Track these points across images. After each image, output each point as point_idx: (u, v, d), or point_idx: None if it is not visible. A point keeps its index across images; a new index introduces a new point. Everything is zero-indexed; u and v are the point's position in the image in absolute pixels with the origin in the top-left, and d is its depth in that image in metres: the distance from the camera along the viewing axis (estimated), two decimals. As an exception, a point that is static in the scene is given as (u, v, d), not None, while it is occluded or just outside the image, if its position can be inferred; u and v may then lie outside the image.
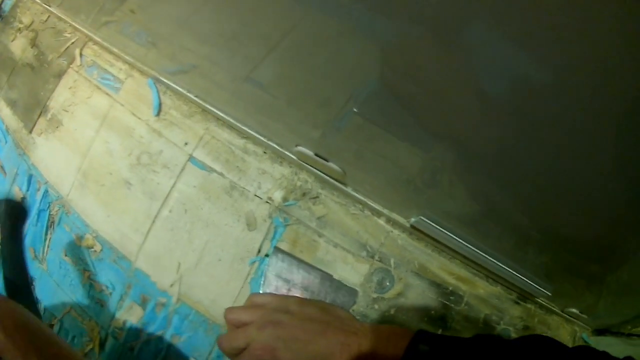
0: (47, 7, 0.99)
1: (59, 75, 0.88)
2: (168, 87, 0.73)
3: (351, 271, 0.65)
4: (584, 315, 0.69)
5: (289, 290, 0.63)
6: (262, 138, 0.66)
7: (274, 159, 0.67)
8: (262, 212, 0.67)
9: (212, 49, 0.71)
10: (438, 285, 0.67)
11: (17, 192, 0.88)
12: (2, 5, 1.20)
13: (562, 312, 0.71)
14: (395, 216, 0.64)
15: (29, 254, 0.86)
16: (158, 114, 0.72)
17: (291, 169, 0.66)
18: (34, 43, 0.99)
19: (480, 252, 0.65)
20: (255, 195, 0.67)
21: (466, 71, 0.45)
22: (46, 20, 1.00)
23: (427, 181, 0.66)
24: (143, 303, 0.72)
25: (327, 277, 0.62)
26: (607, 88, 0.36)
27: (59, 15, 0.97)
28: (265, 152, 0.67)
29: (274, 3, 0.59)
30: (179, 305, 0.69)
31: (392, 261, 0.66)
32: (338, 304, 0.61)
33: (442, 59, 0.46)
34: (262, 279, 0.63)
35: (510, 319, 0.70)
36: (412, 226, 0.65)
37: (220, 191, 0.68)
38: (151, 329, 0.72)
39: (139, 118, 0.74)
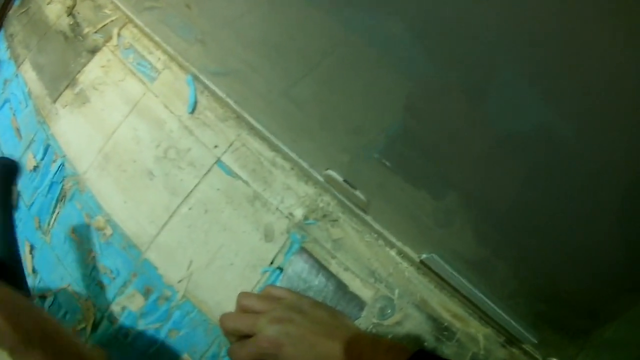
0: None
1: (93, 51, 0.83)
2: (206, 87, 0.69)
3: (357, 295, 0.64)
4: (562, 366, 0.71)
5: (304, 290, 0.62)
6: (291, 154, 0.64)
7: (300, 176, 0.65)
8: (281, 226, 0.64)
9: (256, 55, 0.69)
10: (434, 320, 0.67)
11: (31, 159, 0.83)
12: None
13: (543, 360, 0.72)
14: (406, 249, 0.64)
15: (33, 223, 0.81)
16: (192, 112, 0.70)
17: (316, 189, 0.64)
18: (70, 12, 0.93)
19: (479, 294, 0.66)
20: (277, 209, 0.64)
21: (486, 121, 0.45)
22: (86, -8, 0.95)
23: (440, 221, 0.66)
24: (146, 293, 0.69)
25: (342, 286, 0.61)
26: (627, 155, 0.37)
27: (101, -11, 0.92)
28: (292, 169, 0.64)
29: (320, 22, 0.57)
30: (183, 301, 0.66)
31: (396, 291, 0.65)
32: (346, 313, 0.61)
33: (468, 109, 0.47)
34: (282, 274, 0.61)
35: None
36: (422, 261, 0.64)
37: (243, 198, 0.66)
38: (150, 319, 0.69)
39: (172, 112, 0.70)
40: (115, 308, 0.68)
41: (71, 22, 0.89)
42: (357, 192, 0.59)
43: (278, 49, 0.64)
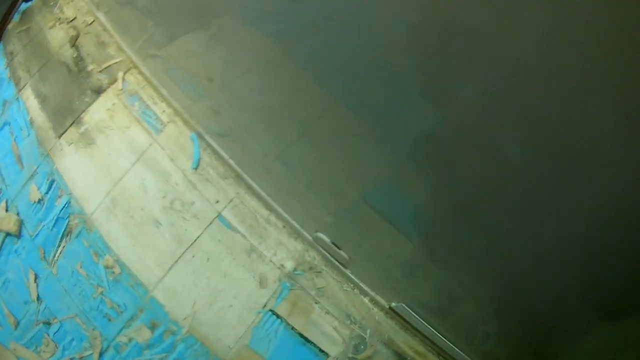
0: (94, 9, 0.94)
1: (98, 91, 0.85)
2: (209, 145, 0.73)
3: (335, 334, 0.74)
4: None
5: None
6: (284, 214, 0.71)
7: (291, 234, 0.72)
8: (273, 275, 0.72)
9: (253, 118, 0.75)
10: (400, 355, 0.78)
11: (35, 191, 0.86)
12: None
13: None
14: (378, 298, 0.74)
15: (37, 253, 0.85)
16: (196, 168, 0.75)
17: (304, 245, 0.71)
18: (74, 43, 0.93)
19: (437, 334, 0.77)
20: (271, 261, 0.72)
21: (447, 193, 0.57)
22: (90, 24, 0.94)
23: (406, 274, 0.77)
24: (152, 327, 0.76)
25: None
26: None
27: (105, 25, 0.92)
28: (284, 227, 0.71)
29: (310, 91, 0.65)
30: (188, 335, 0.74)
31: (368, 331, 0.76)
32: None
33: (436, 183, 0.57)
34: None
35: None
36: (390, 308, 0.75)
37: (241, 250, 0.73)
38: (155, 350, 0.76)
39: (177, 166, 0.75)
40: (122, 339, 0.75)
41: (75, 55, 0.90)
42: (342, 252, 0.69)
43: (272, 113, 0.71)
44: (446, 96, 0.54)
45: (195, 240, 0.71)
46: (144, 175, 0.74)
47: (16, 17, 1.08)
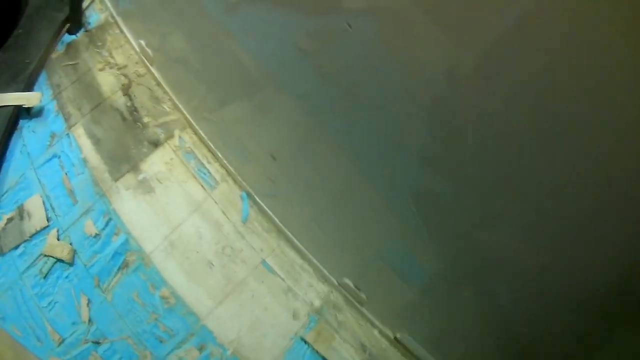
0: (145, 61, 1.04)
1: (155, 144, 0.96)
2: (256, 202, 0.89)
3: (350, 358, 0.94)
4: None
5: None
6: (316, 262, 0.89)
7: (319, 278, 0.89)
8: (304, 310, 0.90)
9: (291, 184, 0.91)
10: None
11: (90, 226, 0.95)
12: (87, 15, 1.16)
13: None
14: (386, 330, 0.94)
15: (92, 281, 0.95)
16: (245, 221, 0.90)
17: (329, 287, 0.90)
18: (126, 92, 1.02)
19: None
20: (302, 299, 0.89)
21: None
22: (143, 76, 1.04)
23: (409, 314, 0.96)
24: (200, 349, 0.90)
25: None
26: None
27: (158, 79, 1.03)
28: (315, 273, 0.88)
29: (339, 166, 0.79)
30: (232, 357, 0.89)
31: (376, 357, 0.96)
32: None
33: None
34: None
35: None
36: (395, 338, 0.95)
37: (279, 290, 0.89)
38: None
39: (228, 219, 0.89)
40: (171, 358, 0.89)
41: (128, 104, 1.00)
42: (361, 294, 0.88)
43: (307, 181, 0.87)
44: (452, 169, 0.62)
45: (242, 280, 0.87)
46: (199, 224, 0.88)
47: (60, 48, 1.14)
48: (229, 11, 0.76)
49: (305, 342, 0.88)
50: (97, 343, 0.90)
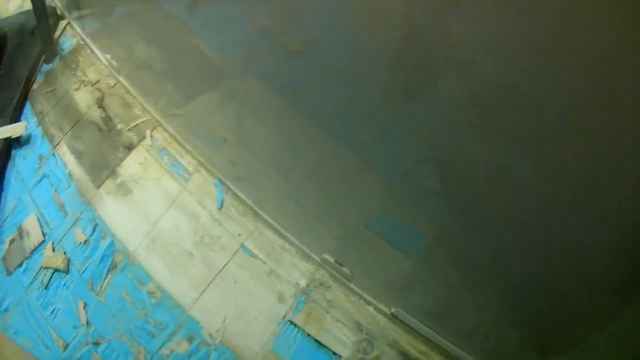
0: (115, 74, 1.12)
1: (129, 147, 1.03)
2: (229, 189, 0.92)
3: (345, 338, 0.93)
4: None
5: None
6: (296, 241, 0.88)
7: (303, 257, 0.90)
8: (290, 292, 0.90)
9: (265, 164, 0.93)
10: (404, 355, 0.95)
11: (80, 234, 1.02)
12: (60, 42, 1.28)
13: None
14: (381, 306, 0.92)
15: (86, 285, 1.01)
16: (220, 208, 0.93)
17: (314, 266, 0.90)
18: (100, 104, 1.10)
19: (437, 336, 0.94)
20: (287, 280, 0.90)
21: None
22: (113, 86, 1.12)
23: (406, 285, 0.95)
24: (190, 340, 0.93)
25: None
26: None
27: (127, 87, 1.10)
28: (297, 252, 0.88)
29: (312, 137, 0.80)
30: (220, 345, 0.91)
31: (374, 335, 0.95)
32: None
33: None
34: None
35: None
36: (392, 314, 0.94)
37: (262, 273, 0.91)
38: (193, 359, 0.94)
39: (204, 208, 0.93)
40: (164, 351, 0.92)
41: (103, 115, 1.07)
42: (344, 269, 0.88)
43: (281, 160, 0.89)
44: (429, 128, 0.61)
45: (223, 267, 0.89)
46: (177, 217, 0.92)
47: (40, 78, 1.26)
48: (191, 10, 0.82)
49: (295, 324, 0.88)
50: (96, 344, 0.95)
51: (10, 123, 1.18)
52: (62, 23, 1.30)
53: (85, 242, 0.98)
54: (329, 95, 0.71)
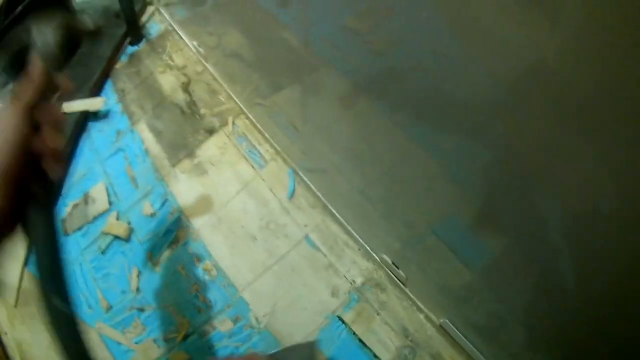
0: (202, 61, 1.51)
1: (210, 131, 1.37)
2: (302, 180, 1.23)
3: (390, 343, 1.16)
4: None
5: None
6: (360, 239, 1.16)
7: (364, 255, 1.17)
8: (344, 288, 1.16)
9: (341, 159, 1.23)
10: None
11: (148, 207, 1.35)
12: (147, 27, 1.70)
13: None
14: (431, 315, 1.16)
15: (144, 255, 1.32)
16: (290, 198, 1.23)
17: (373, 265, 1.16)
18: (186, 89, 1.48)
19: (478, 353, 1.17)
20: (344, 276, 1.16)
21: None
22: (200, 73, 1.50)
23: (461, 297, 1.18)
24: (235, 320, 1.19)
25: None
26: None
27: (214, 74, 1.48)
28: (359, 249, 1.16)
29: (393, 136, 1.04)
30: (264, 330, 1.16)
31: (419, 344, 1.17)
32: None
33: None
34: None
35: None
36: (440, 325, 1.17)
37: (321, 265, 1.18)
38: (234, 339, 1.18)
39: (275, 195, 1.23)
40: (207, 328, 1.18)
41: (187, 99, 1.44)
42: (400, 271, 1.13)
43: (357, 156, 1.16)
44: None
45: (284, 255, 1.17)
46: (246, 200, 1.22)
47: (124, 59, 1.66)
48: (283, 5, 1.17)
49: (343, 321, 1.12)
50: (141, 309, 1.23)
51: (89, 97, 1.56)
52: (150, 9, 1.73)
53: (152, 214, 1.30)
54: (414, 96, 0.85)
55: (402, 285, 1.13)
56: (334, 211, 1.17)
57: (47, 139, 0.58)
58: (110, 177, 1.41)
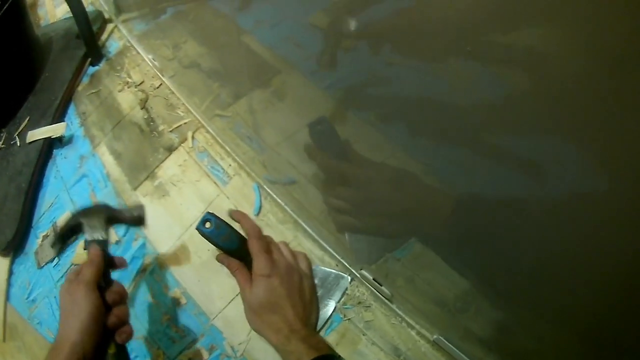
0: (159, 74, 1.40)
1: (170, 149, 1.27)
2: (269, 194, 1.12)
3: None
4: None
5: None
6: (336, 255, 1.05)
7: (342, 271, 1.07)
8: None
9: (311, 168, 1.12)
10: None
11: (112, 234, 1.27)
12: (107, 45, 1.60)
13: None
14: (424, 331, 1.04)
15: None
16: (258, 214, 1.13)
17: (354, 282, 1.07)
18: (143, 105, 1.38)
19: None
20: None
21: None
22: (158, 87, 1.40)
23: (458, 308, 1.06)
24: (210, 350, 1.10)
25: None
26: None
27: (172, 88, 1.37)
28: (337, 265, 1.05)
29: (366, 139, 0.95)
30: (241, 358, 1.07)
31: None
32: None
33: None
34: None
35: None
36: (434, 341, 1.05)
37: None
38: None
39: None
40: (182, 358, 1.09)
41: (145, 116, 1.34)
42: (383, 288, 1.01)
43: None
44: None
45: (254, 277, 1.07)
46: (211, 220, 1.12)
47: (85, 80, 1.57)
48: (242, 9, 1.06)
49: (326, 344, 1.02)
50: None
51: (52, 123, 1.47)
52: (110, 26, 1.63)
53: (117, 242, 1.20)
54: (387, 95, 0.78)
55: (388, 302, 1.01)
56: (306, 227, 1.05)
57: (114, 310, 0.80)
58: (76, 204, 1.32)
